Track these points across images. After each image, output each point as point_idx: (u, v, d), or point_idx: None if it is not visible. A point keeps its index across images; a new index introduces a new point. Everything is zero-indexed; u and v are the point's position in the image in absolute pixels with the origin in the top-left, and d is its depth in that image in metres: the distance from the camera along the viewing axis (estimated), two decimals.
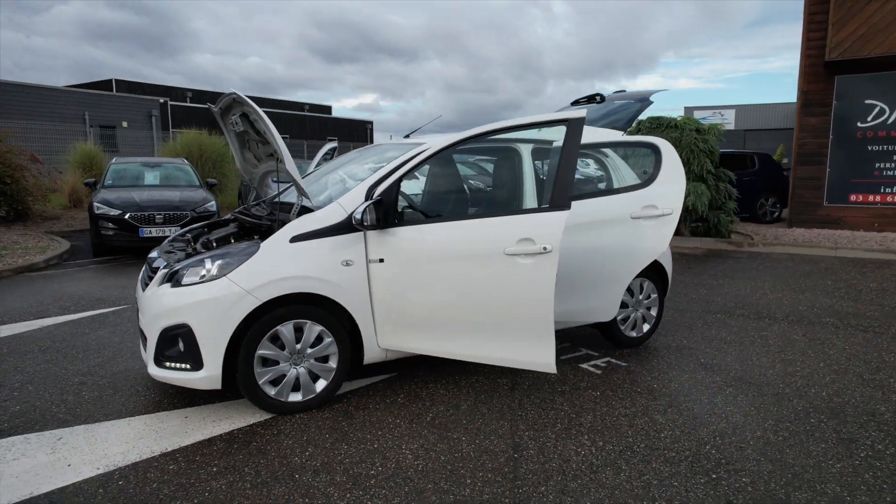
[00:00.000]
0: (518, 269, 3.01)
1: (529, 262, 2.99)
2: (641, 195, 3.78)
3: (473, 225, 3.16)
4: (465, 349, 3.26)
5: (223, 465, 2.74)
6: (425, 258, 3.22)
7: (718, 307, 5.86)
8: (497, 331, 3.16)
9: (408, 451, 2.89)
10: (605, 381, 3.88)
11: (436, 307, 3.25)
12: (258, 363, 3.17)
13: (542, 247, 2.96)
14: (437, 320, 3.27)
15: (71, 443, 2.95)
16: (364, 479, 2.62)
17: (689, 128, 9.63)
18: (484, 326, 3.18)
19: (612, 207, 3.79)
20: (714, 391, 3.71)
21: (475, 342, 3.23)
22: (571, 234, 3.87)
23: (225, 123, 4.26)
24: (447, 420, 3.25)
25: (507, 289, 3.04)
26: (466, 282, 3.13)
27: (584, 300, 3.92)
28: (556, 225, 2.95)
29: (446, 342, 3.29)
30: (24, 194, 11.62)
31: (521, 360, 3.16)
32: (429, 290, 3.24)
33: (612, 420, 3.28)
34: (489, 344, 3.21)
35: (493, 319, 3.14)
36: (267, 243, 3.24)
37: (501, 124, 3.28)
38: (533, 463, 2.80)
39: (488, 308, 3.13)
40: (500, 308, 3.10)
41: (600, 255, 3.79)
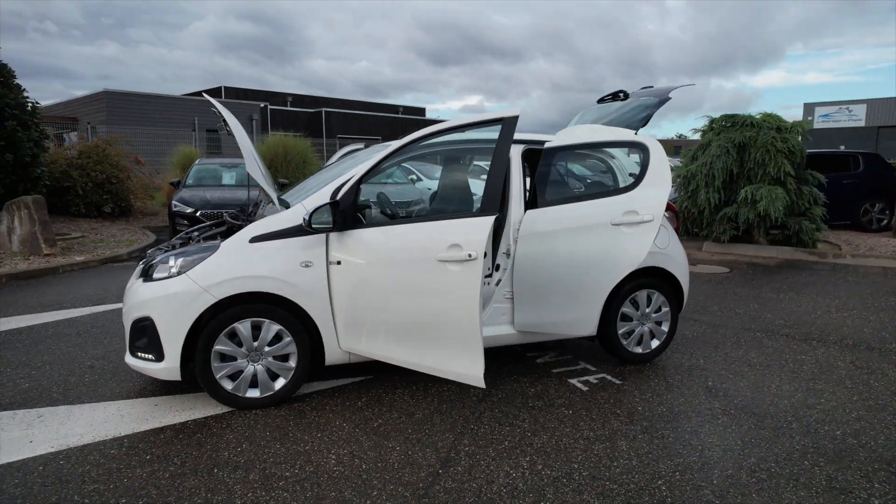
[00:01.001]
0: (448, 277, 2.88)
1: (458, 270, 2.84)
2: (623, 200, 3.46)
3: (413, 229, 3.07)
4: (407, 356, 3.17)
5: (157, 453, 2.87)
6: (374, 261, 3.17)
7: (762, 325, 5.26)
8: (433, 340, 3.05)
9: (333, 457, 2.86)
10: (586, 398, 3.61)
11: (382, 312, 3.19)
12: (216, 358, 3.29)
13: (468, 254, 2.80)
14: (383, 325, 3.21)
15: (47, 421, 3.23)
16: (275, 480, 2.63)
17: (767, 126, 8.74)
18: (423, 334, 3.07)
19: (592, 213, 3.52)
20: (704, 419, 3.33)
21: (415, 350, 3.14)
22: (549, 241, 3.65)
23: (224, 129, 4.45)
24: (393, 428, 3.18)
25: (440, 296, 2.92)
26: (407, 287, 3.04)
27: (561, 311, 3.67)
28: (482, 231, 2.78)
29: (392, 348, 3.22)
30: (127, 193, 12.93)
31: (452, 371, 3.02)
32: (376, 293, 3.19)
33: (569, 443, 3.04)
34: (427, 352, 3.10)
35: (429, 328, 3.03)
36: (226, 243, 3.35)
37: (436, 128, 3.16)
38: (453, 481, 2.66)
39: (425, 316, 3.02)
40: (434, 317, 2.98)
41: (578, 263, 3.53)
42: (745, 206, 8.49)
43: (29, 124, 10.29)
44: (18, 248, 8.66)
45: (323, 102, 32.64)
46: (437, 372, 3.09)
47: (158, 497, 2.48)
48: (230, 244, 3.34)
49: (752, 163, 8.59)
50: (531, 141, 4.02)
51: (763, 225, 8.63)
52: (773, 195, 8.16)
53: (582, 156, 4.07)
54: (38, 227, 8.66)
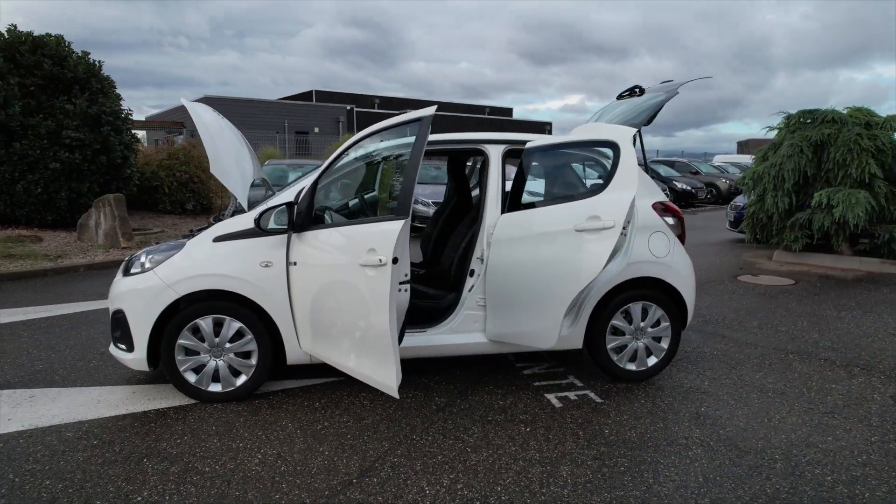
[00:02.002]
0: (366, 282, 2.78)
1: (373, 275, 2.74)
2: (588, 204, 3.18)
3: (342, 232, 3.03)
4: (341, 360, 3.12)
5: (106, 439, 3.03)
6: (316, 263, 3.15)
7: (801, 346, 4.66)
8: (357, 345, 2.97)
9: (259, 456, 2.87)
10: (553, 416, 3.38)
11: (322, 314, 3.16)
12: (180, 351, 3.42)
13: (379, 258, 2.69)
14: (324, 328, 3.18)
15: (35, 401, 3.52)
16: (191, 475, 2.68)
17: (853, 121, 7.76)
18: (350, 340, 3.00)
19: (558, 218, 3.26)
20: (675, 449, 3.00)
21: (345, 354, 3.08)
22: (518, 247, 3.45)
23: None
24: (335, 432, 3.14)
25: (360, 302, 2.83)
26: (338, 291, 2.99)
27: (520, 322, 3.45)
28: (391, 235, 2.66)
29: (331, 351, 3.18)
30: (208, 192, 13.91)
31: (372, 378, 2.92)
32: (319, 296, 3.16)
33: (506, 463, 2.85)
34: (353, 358, 3.03)
35: (354, 333, 2.96)
36: (191, 242, 3.47)
37: (362, 134, 3.09)
38: (361, 492, 2.57)
39: (350, 320, 2.95)
40: (356, 322, 2.90)
41: (542, 272, 3.30)
42: (819, 211, 7.59)
43: (122, 129, 11.36)
44: (102, 241, 9.58)
45: (409, 104, 33.30)
46: (363, 378, 3.03)
47: (79, 482, 2.62)
48: (194, 243, 3.46)
49: (830, 163, 7.66)
50: (513, 141, 3.83)
51: (842, 233, 7.67)
52: (852, 199, 7.23)
53: (560, 156, 3.80)
54: (117, 223, 9.53)
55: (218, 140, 3.58)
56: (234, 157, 3.76)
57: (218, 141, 3.57)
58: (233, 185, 3.55)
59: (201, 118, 3.55)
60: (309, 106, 27.92)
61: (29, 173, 10.13)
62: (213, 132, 3.60)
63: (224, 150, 3.61)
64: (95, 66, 11.53)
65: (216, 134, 3.63)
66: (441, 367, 4.14)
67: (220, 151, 3.53)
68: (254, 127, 22.84)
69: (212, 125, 3.66)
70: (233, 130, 4.17)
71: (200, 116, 3.56)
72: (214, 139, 3.54)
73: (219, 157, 3.50)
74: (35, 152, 10.09)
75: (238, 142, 4.10)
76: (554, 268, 3.22)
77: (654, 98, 4.15)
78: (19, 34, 10.63)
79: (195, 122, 3.51)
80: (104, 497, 2.50)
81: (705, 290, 6.71)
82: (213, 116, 3.84)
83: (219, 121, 3.92)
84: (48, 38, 10.87)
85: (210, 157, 3.47)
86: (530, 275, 3.36)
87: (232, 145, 3.89)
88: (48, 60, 10.48)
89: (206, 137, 3.50)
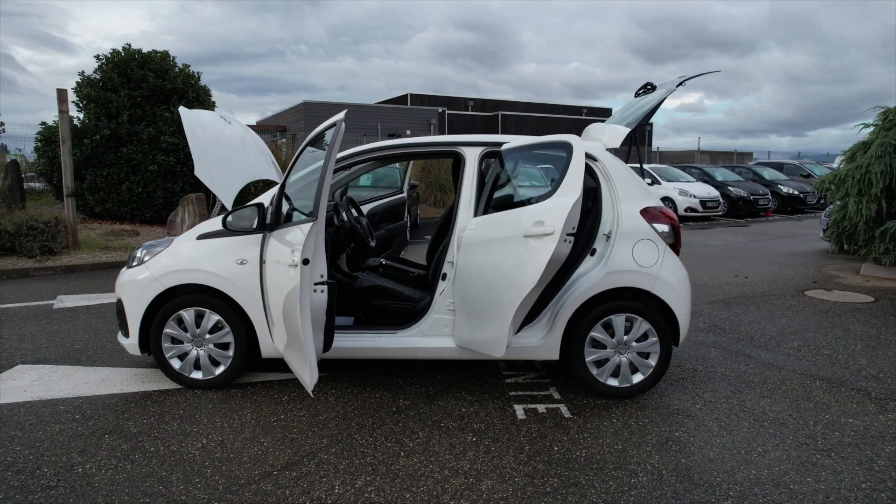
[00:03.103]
0: (288, 281, 2.85)
1: (293, 275, 2.79)
2: (536, 209, 3.00)
3: (278, 234, 3.15)
4: (285, 354, 3.22)
5: (87, 414, 3.37)
6: (271, 262, 3.28)
7: (836, 373, 4.11)
8: (287, 342, 3.04)
9: (203, 441, 3.05)
10: (508, 428, 3.26)
11: (275, 310, 3.28)
12: (166, 339, 3.71)
13: (293, 259, 2.74)
14: (276, 323, 3.29)
15: (55, 376, 3.98)
16: (136, 453, 2.91)
17: None
18: (285, 336, 3.09)
19: (511, 223, 3.13)
20: (618, 475, 2.79)
21: (285, 350, 3.17)
22: (479, 252, 3.38)
23: None
24: (285, 426, 3.26)
25: (288, 300, 2.90)
26: (277, 289, 3.08)
27: (476, 328, 3.35)
28: (300, 238, 2.70)
29: (280, 345, 3.28)
30: None
31: (298, 374, 2.98)
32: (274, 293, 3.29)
33: (430, 471, 2.81)
34: (288, 354, 3.12)
35: (284, 330, 3.04)
36: (178, 239, 3.75)
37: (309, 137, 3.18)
38: (275, 485, 2.65)
39: (282, 318, 3.04)
40: (285, 319, 2.99)
41: (493, 277, 3.18)
42: None
43: None
44: None
45: (503, 106, 33.22)
46: (296, 374, 3.12)
47: (41, 451, 2.94)
48: (180, 240, 3.74)
49: None
50: (490, 143, 3.74)
51: None
52: None
53: (531, 158, 3.64)
54: (197, 220, 10.43)
55: (207, 145, 3.82)
56: (225, 161, 3.99)
57: (207, 146, 3.81)
58: (217, 187, 3.77)
59: (192, 126, 3.80)
60: (402, 109, 28.77)
61: (132, 175, 11.39)
62: (206, 138, 3.85)
63: (213, 154, 3.84)
64: (194, 77, 12.71)
65: (208, 139, 3.88)
66: (423, 369, 4.14)
67: (207, 156, 3.77)
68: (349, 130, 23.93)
69: (206, 131, 3.92)
70: (240, 135, 4.43)
71: (192, 124, 3.82)
72: (203, 144, 3.78)
73: (205, 161, 3.74)
74: (137, 156, 11.32)
75: (241, 146, 4.34)
76: (504, 274, 3.11)
77: (652, 96, 3.88)
78: (131, 52, 11.98)
79: (185, 129, 3.78)
80: (53, 465, 2.79)
81: (757, 303, 6.10)
82: (212, 123, 4.11)
83: (217, 126, 4.18)
84: (154, 54, 12.14)
85: (195, 161, 3.73)
86: (486, 280, 3.27)
87: (229, 150, 4.13)
88: (152, 74, 11.71)
89: (193, 143, 3.75)
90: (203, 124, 4.00)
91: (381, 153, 3.84)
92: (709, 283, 7.14)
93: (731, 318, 5.58)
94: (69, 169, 8.85)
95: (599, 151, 3.74)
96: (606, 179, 3.70)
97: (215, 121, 4.23)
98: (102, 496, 2.54)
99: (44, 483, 2.65)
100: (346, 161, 3.79)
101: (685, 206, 15.55)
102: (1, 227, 8.46)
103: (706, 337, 4.97)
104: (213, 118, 4.29)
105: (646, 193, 3.71)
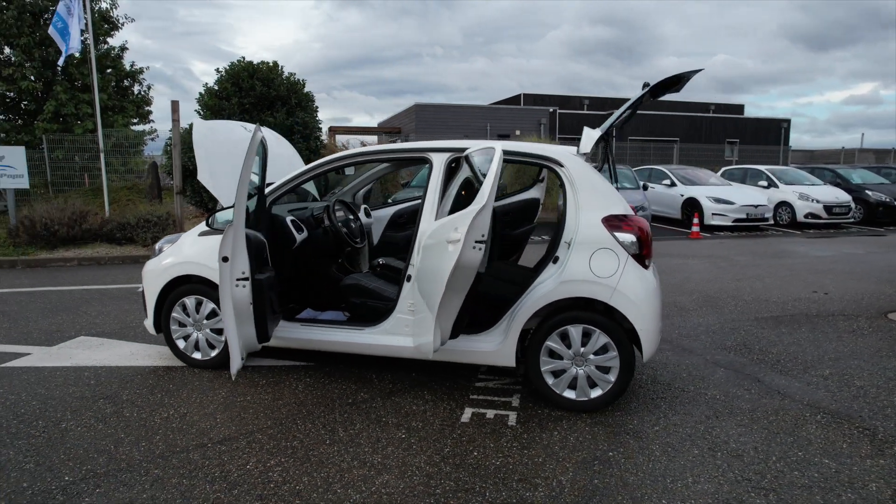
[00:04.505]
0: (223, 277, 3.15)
1: (222, 269, 3.08)
2: (460, 216, 2.99)
3: None
4: None
5: (101, 381, 3.97)
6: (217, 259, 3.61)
7: (850, 408, 3.61)
8: None
9: (170, 413, 3.47)
10: (442, 430, 3.33)
11: None
12: (174, 322, 4.25)
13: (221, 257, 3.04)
14: None
15: (100, 348, 4.70)
16: (112, 418, 3.40)
17: None
18: None
19: (443, 229, 3.15)
20: (517, 486, 2.76)
21: None
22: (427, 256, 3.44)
23: None
24: (243, 405, 3.59)
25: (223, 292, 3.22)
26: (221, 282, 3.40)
27: (418, 329, 3.42)
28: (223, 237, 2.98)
29: None
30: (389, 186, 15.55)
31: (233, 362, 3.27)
32: None
33: (338, 460, 2.98)
34: None
35: None
36: (184, 235, 4.26)
37: None
38: (201, 456, 2.98)
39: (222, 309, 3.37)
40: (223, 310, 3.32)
41: (425, 282, 3.24)
42: None
43: (309, 137, 13.46)
44: None
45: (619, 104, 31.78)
46: None
47: (49, 407, 3.54)
48: (186, 236, 4.25)
49: None
50: (457, 149, 3.79)
51: None
52: None
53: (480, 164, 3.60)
54: None
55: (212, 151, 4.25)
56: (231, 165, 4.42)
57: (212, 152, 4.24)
58: (216, 188, 4.19)
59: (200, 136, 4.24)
60: (514, 109, 28.72)
61: None
62: (211, 144, 4.29)
63: (217, 159, 4.27)
64: (298, 84, 13.84)
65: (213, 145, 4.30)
66: (403, 366, 4.28)
67: (211, 160, 4.20)
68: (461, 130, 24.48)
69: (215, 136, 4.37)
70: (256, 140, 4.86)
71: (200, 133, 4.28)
72: (207, 151, 4.22)
73: (208, 165, 4.17)
74: None
75: None
76: (433, 278, 3.17)
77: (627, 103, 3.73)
78: (244, 64, 13.34)
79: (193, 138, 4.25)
80: (47, 420, 3.37)
81: (816, 323, 5.43)
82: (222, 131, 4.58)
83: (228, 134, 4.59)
84: (263, 65, 13.41)
85: (199, 167, 4.18)
86: (424, 284, 3.35)
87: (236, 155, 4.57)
88: (259, 83, 12.96)
89: (198, 152, 4.18)
90: (213, 130, 4.48)
91: (353, 160, 4.05)
92: (772, 298, 6.46)
93: (769, 337, 5.04)
94: (178, 170, 10.14)
95: (566, 157, 3.64)
96: (571, 186, 3.60)
97: (227, 129, 4.70)
98: (65, 449, 3.04)
99: (32, 432, 3.22)
100: (317, 169, 4.04)
101: (805, 212, 13.93)
102: (125, 220, 9.94)
103: (723, 356, 4.57)
104: (227, 127, 4.76)
105: (611, 201, 3.55)
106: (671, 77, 3.54)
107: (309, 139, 13.45)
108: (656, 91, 3.82)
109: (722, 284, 7.24)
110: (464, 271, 2.93)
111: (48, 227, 9.34)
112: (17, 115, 17.73)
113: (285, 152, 5.34)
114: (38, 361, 4.37)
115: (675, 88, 3.84)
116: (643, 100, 3.68)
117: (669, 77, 3.56)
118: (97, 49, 17.24)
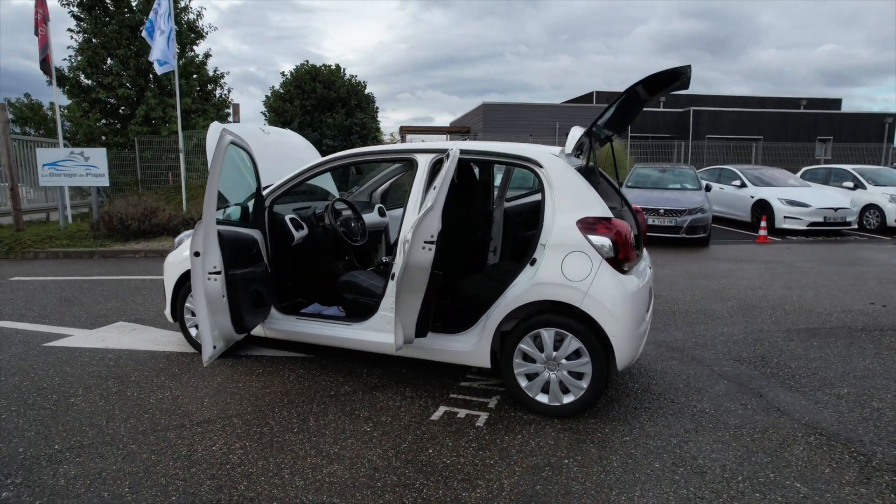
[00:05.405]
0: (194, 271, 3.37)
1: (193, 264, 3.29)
2: (418, 216, 3.02)
3: None
4: None
5: (120, 363, 4.35)
6: None
7: (852, 431, 3.31)
8: None
9: (165, 395, 3.75)
10: (408, 427, 3.39)
11: None
12: (186, 312, 4.58)
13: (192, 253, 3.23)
14: None
15: (133, 332, 5.14)
16: (113, 396, 3.73)
17: None
18: None
19: (408, 229, 3.21)
20: (453, 487, 2.78)
21: None
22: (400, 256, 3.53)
23: None
24: (233, 392, 3.82)
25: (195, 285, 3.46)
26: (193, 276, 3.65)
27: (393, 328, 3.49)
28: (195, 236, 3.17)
29: None
30: None
31: None
32: None
33: (296, 448, 3.11)
34: None
35: None
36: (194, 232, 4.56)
37: None
38: (178, 436, 3.22)
39: None
40: None
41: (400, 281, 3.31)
42: None
43: (367, 137, 13.88)
44: None
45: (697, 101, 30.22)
46: None
47: (67, 383, 3.94)
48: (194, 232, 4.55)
49: None
50: (441, 150, 3.83)
51: None
52: None
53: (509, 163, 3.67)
54: None
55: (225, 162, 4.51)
56: None
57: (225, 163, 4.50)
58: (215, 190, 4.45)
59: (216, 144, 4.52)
60: (583, 108, 28.03)
61: None
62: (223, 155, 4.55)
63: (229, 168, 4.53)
64: (360, 86, 14.30)
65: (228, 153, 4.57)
66: (398, 363, 4.38)
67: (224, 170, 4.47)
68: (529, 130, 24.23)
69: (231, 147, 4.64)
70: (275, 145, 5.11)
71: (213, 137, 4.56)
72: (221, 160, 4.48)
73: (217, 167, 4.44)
74: None
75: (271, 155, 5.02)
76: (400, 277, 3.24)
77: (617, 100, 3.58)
78: (308, 68, 13.97)
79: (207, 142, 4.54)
80: (60, 394, 3.75)
81: (855, 336, 4.98)
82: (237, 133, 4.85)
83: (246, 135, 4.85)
84: (325, 68, 13.97)
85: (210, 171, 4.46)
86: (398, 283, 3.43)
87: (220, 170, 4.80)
88: (320, 85, 13.52)
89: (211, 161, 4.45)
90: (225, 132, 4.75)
91: (348, 161, 4.18)
92: (818, 309, 5.97)
93: (794, 350, 4.68)
94: None
95: (546, 157, 3.59)
96: (550, 187, 3.54)
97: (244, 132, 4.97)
98: (65, 421, 3.39)
99: (44, 404, 3.60)
100: (315, 170, 4.20)
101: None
102: (189, 216, 10.72)
103: (732, 367, 4.30)
104: (244, 130, 5.03)
105: (589, 203, 3.45)
106: (664, 72, 3.36)
107: (366, 139, 13.88)
108: (654, 89, 3.66)
109: (767, 292, 6.78)
110: (414, 271, 2.98)
111: (123, 222, 10.26)
112: (116, 120, 19.48)
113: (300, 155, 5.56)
114: (75, 342, 4.85)
115: (680, 86, 3.66)
116: (638, 99, 3.53)
117: (659, 72, 3.40)
118: (184, 57, 18.61)
